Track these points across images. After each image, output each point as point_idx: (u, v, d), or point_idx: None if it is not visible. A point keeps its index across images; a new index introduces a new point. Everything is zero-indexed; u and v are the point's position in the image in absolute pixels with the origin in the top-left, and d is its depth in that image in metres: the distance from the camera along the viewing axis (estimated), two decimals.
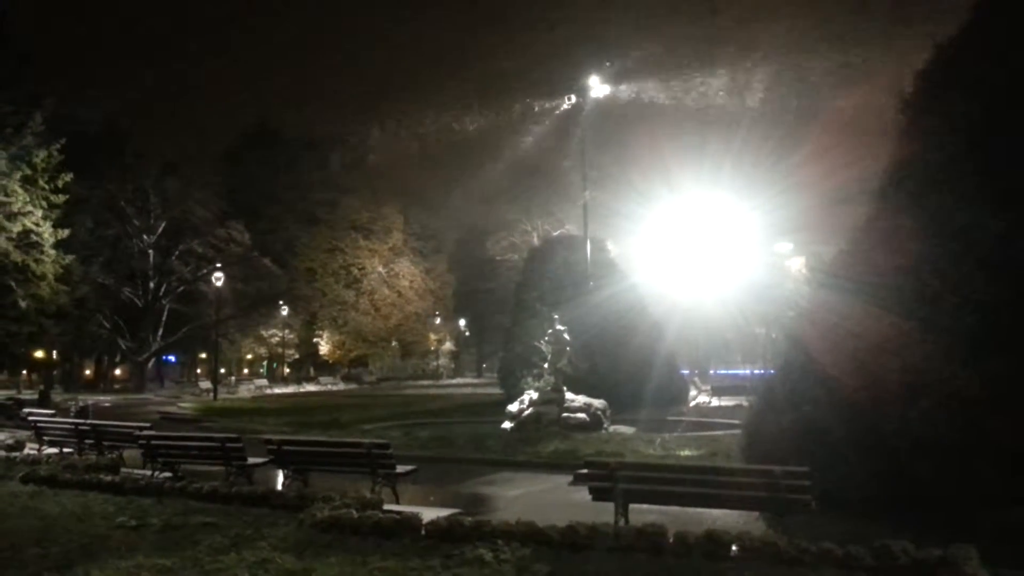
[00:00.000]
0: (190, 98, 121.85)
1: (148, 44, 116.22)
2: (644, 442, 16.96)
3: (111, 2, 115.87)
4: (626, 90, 33.69)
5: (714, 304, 41.50)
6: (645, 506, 9.50)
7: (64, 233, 37.34)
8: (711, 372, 52.36)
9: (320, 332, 75.91)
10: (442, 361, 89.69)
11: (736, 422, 15.78)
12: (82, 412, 26.11)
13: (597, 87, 27.38)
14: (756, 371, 42.61)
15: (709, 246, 38.76)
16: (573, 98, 28.17)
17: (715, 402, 32.77)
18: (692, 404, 31.87)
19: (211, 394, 48.23)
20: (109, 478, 13.19)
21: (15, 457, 16.91)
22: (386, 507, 10.30)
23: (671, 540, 8.25)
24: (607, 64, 29.94)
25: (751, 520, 9.22)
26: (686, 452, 15.64)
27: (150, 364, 66.68)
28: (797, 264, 37.82)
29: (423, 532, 9.08)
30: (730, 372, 58.48)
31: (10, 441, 19.61)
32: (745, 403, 19.74)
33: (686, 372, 37.89)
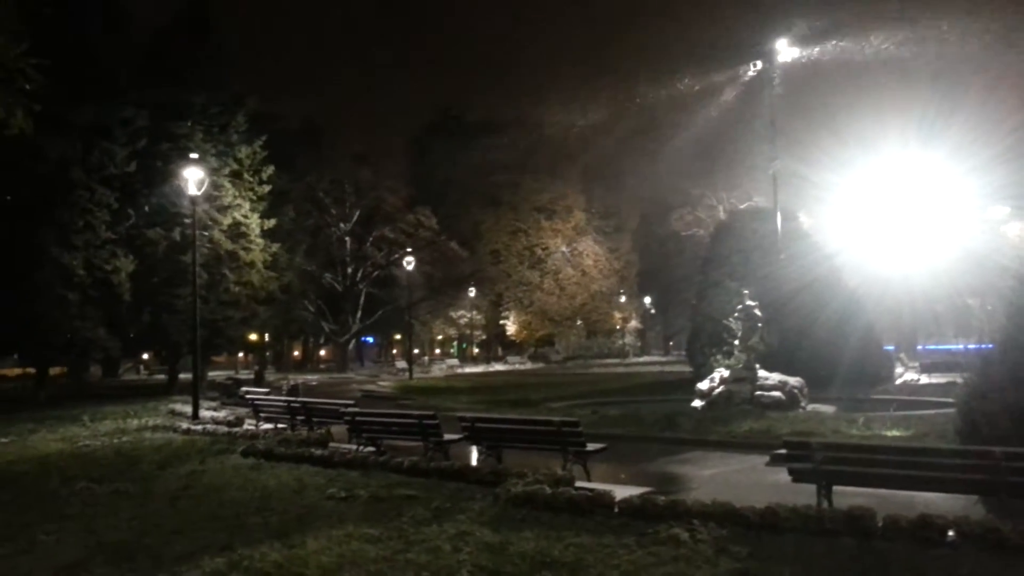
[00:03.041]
0: (377, 90, 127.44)
1: (334, 44, 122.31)
2: (846, 422, 16.09)
3: (302, 6, 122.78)
4: (819, 51, 31.85)
5: (921, 274, 38.79)
6: (849, 489, 9.04)
7: (270, 223, 40.05)
8: (918, 347, 48.95)
9: (506, 312, 77.48)
10: (628, 339, 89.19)
11: (949, 401, 14.65)
12: (293, 390, 28.05)
13: (785, 50, 26.17)
14: (970, 346, 39.44)
15: (915, 212, 36.11)
16: (759, 64, 27.06)
17: (924, 379, 30.69)
18: (898, 382, 30.02)
19: (407, 373, 50.35)
20: (319, 452, 14.05)
21: (235, 432, 18.40)
22: (578, 484, 10.36)
23: (880, 524, 7.80)
24: (802, 26, 28.38)
25: (969, 505, 8.53)
26: (893, 432, 14.72)
27: (351, 345, 70.63)
28: (1017, 229, 34.65)
29: (616, 510, 9.06)
30: (940, 347, 54.51)
31: (231, 418, 21.34)
32: (959, 380, 18.33)
33: (891, 348, 35.63)
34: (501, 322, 78.50)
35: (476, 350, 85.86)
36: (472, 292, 71.02)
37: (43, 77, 21.28)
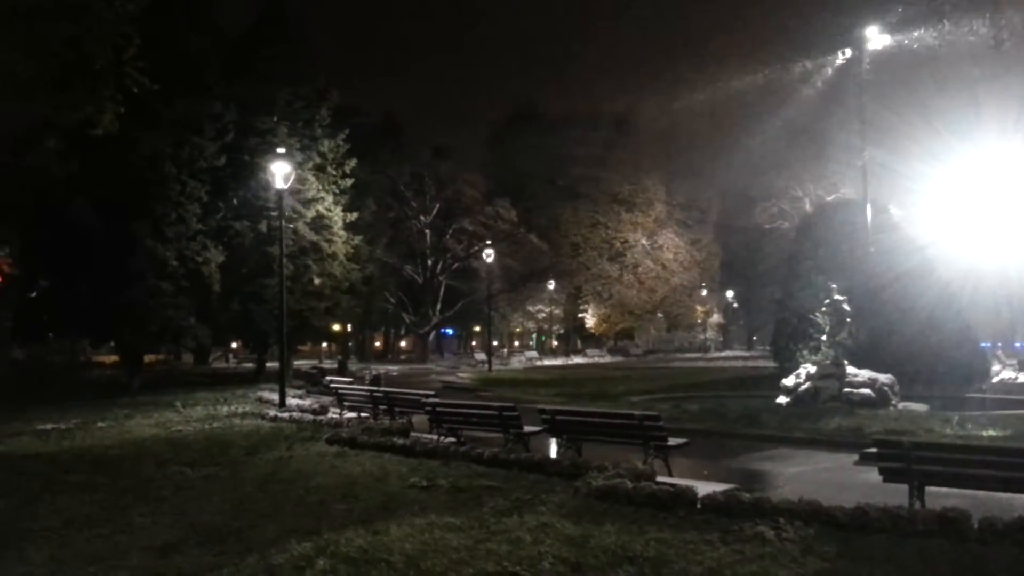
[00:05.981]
0: (457, 83, 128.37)
1: (415, 37, 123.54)
2: (940, 421, 15.55)
3: (384, 4, 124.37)
4: (911, 37, 30.69)
5: (1019, 268, 37.12)
6: (943, 489, 8.75)
7: (352, 216, 40.70)
8: (1015, 344, 46.92)
9: (585, 305, 77.14)
10: (709, 334, 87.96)
11: None
12: (376, 380, 28.59)
13: (876, 38, 25.30)
14: None
15: (1013, 203, 34.53)
16: (848, 52, 26.21)
17: (1022, 378, 29.45)
18: (995, 380, 28.87)
19: (486, 365, 50.65)
20: (401, 441, 14.26)
21: (320, 420, 18.78)
22: (659, 479, 10.27)
23: (976, 526, 7.52)
24: (894, 12, 27.32)
25: None
26: (990, 432, 14.17)
27: (431, 336, 71.39)
28: None
29: (698, 506, 8.93)
30: None
31: (316, 406, 21.80)
32: None
33: (987, 345, 34.23)
34: (580, 315, 78.18)
35: (555, 343, 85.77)
36: (551, 285, 70.90)
37: (148, 80, 21.77)
